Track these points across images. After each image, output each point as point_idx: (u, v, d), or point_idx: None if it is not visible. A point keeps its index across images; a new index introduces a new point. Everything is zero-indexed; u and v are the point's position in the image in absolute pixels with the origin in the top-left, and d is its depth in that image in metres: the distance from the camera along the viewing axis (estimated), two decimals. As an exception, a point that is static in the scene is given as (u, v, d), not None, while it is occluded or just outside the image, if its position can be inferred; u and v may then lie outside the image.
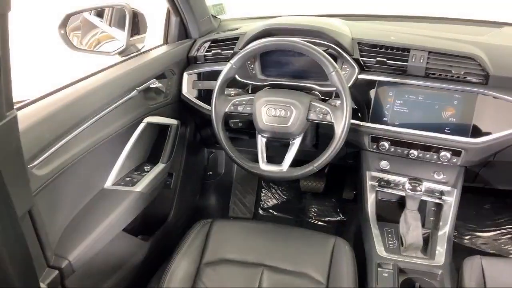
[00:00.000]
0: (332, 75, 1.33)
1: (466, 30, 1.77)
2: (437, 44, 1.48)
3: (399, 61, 1.46)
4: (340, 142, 1.33)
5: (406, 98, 1.45)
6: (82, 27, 1.98)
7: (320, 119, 1.38)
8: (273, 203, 2.48)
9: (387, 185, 1.60)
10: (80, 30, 1.94)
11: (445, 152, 1.44)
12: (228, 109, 1.45)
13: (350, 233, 2.09)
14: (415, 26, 1.79)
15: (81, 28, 1.97)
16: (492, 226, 2.19)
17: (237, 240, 1.48)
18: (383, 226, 1.57)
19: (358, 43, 1.52)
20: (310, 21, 1.62)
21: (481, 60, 1.38)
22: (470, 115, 1.38)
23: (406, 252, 1.45)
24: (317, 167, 1.38)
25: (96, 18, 2.07)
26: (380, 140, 1.52)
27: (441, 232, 1.50)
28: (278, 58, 1.61)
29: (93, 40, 2.08)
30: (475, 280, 1.29)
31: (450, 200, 1.53)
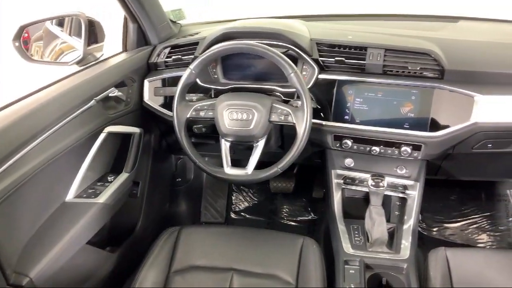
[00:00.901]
0: (291, 77, 1.34)
1: (423, 26, 1.81)
2: (393, 41, 1.50)
3: (357, 59, 1.48)
4: (302, 142, 1.34)
5: (366, 96, 1.48)
6: (44, 38, 1.93)
7: (281, 120, 1.38)
8: (244, 206, 2.47)
9: (352, 182, 1.62)
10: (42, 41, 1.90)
11: (406, 147, 1.47)
12: (190, 115, 1.44)
13: (321, 231, 2.11)
14: (372, 24, 1.83)
15: (43, 38, 1.93)
16: (459, 217, 2.24)
17: (205, 246, 1.47)
18: (350, 223, 1.58)
19: (317, 43, 1.53)
20: (269, 23, 1.63)
21: (436, 55, 1.41)
22: (427, 109, 1.41)
23: (372, 248, 1.47)
24: (281, 169, 1.38)
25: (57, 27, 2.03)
26: (343, 138, 1.53)
27: (406, 225, 1.53)
28: (240, 61, 1.61)
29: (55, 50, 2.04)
30: (440, 271, 1.31)
31: (413, 193, 1.56)
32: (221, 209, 2.43)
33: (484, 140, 1.42)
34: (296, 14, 1.93)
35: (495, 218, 2.20)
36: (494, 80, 1.41)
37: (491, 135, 1.40)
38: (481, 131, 1.38)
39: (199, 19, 2.03)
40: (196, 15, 2.34)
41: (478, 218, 2.21)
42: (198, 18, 2.07)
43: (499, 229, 2.17)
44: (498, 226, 2.18)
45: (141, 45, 1.75)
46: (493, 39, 1.60)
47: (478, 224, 2.20)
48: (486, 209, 2.23)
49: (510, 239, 2.14)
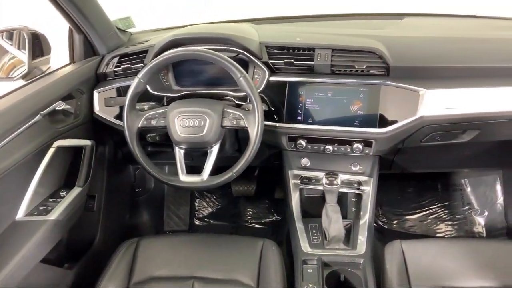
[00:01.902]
0: (240, 81, 1.34)
1: (369, 25, 1.85)
2: (340, 41, 1.53)
3: (306, 60, 1.50)
4: (255, 145, 1.35)
5: (316, 96, 1.50)
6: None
7: (234, 125, 1.39)
8: (208, 212, 2.46)
9: (309, 181, 1.64)
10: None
11: (358, 144, 1.49)
12: (141, 124, 1.42)
13: (284, 232, 2.12)
14: (320, 25, 1.85)
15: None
16: (417, 209, 2.30)
17: (165, 256, 1.45)
18: (309, 222, 1.60)
19: (266, 46, 1.54)
20: (217, 28, 1.64)
21: (381, 53, 1.45)
22: (376, 106, 1.44)
23: (330, 245, 1.49)
24: (237, 173, 1.38)
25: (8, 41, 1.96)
26: (297, 139, 1.55)
27: (362, 221, 1.56)
28: (191, 67, 1.60)
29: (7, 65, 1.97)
30: (396, 264, 1.34)
31: (368, 189, 1.59)
32: (184, 216, 2.41)
33: (431, 133, 1.47)
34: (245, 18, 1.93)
35: (452, 208, 2.27)
36: (438, 75, 1.46)
37: (437, 128, 1.44)
38: (428, 125, 1.42)
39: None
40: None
41: (435, 209, 2.28)
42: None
43: (456, 218, 2.24)
44: (455, 215, 2.25)
45: (88, 56, 1.72)
46: (437, 34, 1.66)
47: (436, 214, 2.27)
48: (443, 199, 2.30)
49: (467, 227, 2.21)
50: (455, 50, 1.52)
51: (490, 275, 1.28)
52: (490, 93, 1.41)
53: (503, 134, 1.53)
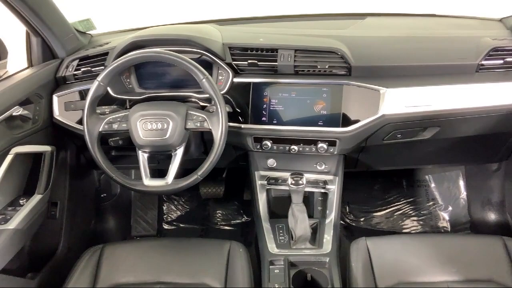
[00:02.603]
0: (203, 82, 1.33)
1: (332, 25, 1.87)
2: (302, 41, 1.54)
3: (269, 61, 1.51)
4: (220, 147, 1.34)
5: (280, 97, 1.50)
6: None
7: (198, 127, 1.37)
8: (177, 215, 2.43)
9: (275, 182, 1.64)
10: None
11: (322, 143, 1.51)
12: (102, 128, 1.39)
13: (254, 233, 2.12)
14: (283, 26, 1.86)
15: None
16: (383, 205, 2.34)
17: (131, 262, 1.43)
18: (276, 222, 1.60)
19: (229, 47, 1.54)
20: (179, 29, 1.62)
21: (342, 53, 1.46)
22: (339, 106, 1.46)
23: (296, 245, 1.50)
24: (202, 175, 1.37)
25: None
26: (263, 139, 1.55)
27: (328, 220, 1.57)
28: (154, 69, 1.58)
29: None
30: (361, 261, 1.36)
31: (333, 188, 1.60)
32: (152, 221, 2.37)
33: (393, 131, 1.49)
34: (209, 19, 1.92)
35: (417, 203, 2.32)
36: (398, 73, 1.49)
37: (398, 126, 1.47)
38: (389, 123, 1.45)
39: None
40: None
41: (401, 205, 2.32)
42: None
43: (421, 213, 2.29)
44: (420, 211, 2.30)
45: (47, 59, 1.67)
46: (398, 33, 1.69)
47: (401, 210, 2.31)
48: (408, 195, 2.35)
49: (432, 223, 2.26)
50: (415, 49, 1.55)
51: (452, 269, 1.32)
52: (449, 91, 1.45)
53: (462, 130, 1.57)
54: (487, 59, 1.48)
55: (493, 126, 1.55)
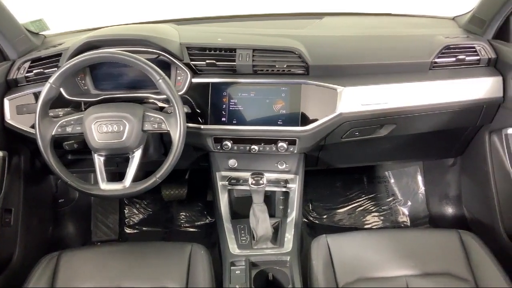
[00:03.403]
0: (159, 83, 1.31)
1: (290, 24, 1.88)
2: (261, 41, 1.54)
3: (228, 61, 1.50)
4: (178, 149, 1.32)
5: (240, 96, 1.50)
6: None
7: (155, 128, 1.35)
8: (139, 219, 2.39)
9: (237, 182, 1.63)
10: None
11: (282, 143, 1.51)
12: (55, 132, 1.34)
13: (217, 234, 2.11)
14: (242, 25, 1.85)
15: None
16: (345, 202, 2.37)
17: (89, 268, 1.39)
18: (238, 223, 1.60)
19: (187, 47, 1.52)
20: (135, 29, 1.59)
21: (300, 52, 1.47)
22: (297, 105, 1.47)
23: (258, 245, 1.50)
24: (160, 178, 1.35)
25: None
26: (223, 140, 1.54)
27: (289, 219, 1.58)
28: (110, 70, 1.55)
29: None
30: (322, 258, 1.37)
31: (294, 186, 1.61)
32: (114, 225, 2.32)
33: (351, 129, 1.52)
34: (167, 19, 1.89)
35: (378, 199, 2.36)
36: (355, 72, 1.51)
37: (356, 124, 1.49)
38: (347, 121, 1.47)
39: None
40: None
41: (362, 201, 2.37)
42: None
43: (382, 209, 2.34)
44: (381, 206, 2.35)
45: (-2, 62, 1.60)
46: (355, 32, 1.71)
47: (363, 206, 2.35)
48: (369, 191, 2.40)
49: (392, 218, 2.31)
50: (370, 48, 1.58)
51: (410, 264, 1.34)
52: (404, 89, 1.49)
53: (417, 127, 1.61)
54: (440, 57, 1.52)
55: (447, 122, 1.60)
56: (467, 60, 1.54)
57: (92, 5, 1.88)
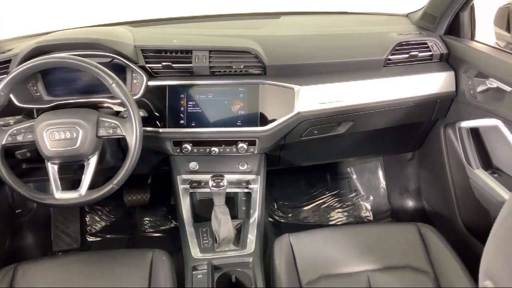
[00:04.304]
0: (112, 87, 1.28)
1: (247, 25, 1.87)
2: (217, 42, 1.53)
3: (184, 63, 1.48)
4: (135, 154, 1.29)
5: (198, 98, 1.48)
6: None
7: (110, 134, 1.31)
8: (101, 226, 2.33)
9: (198, 185, 1.62)
10: None
11: (242, 143, 1.50)
12: (5, 141, 1.29)
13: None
14: (198, 26, 1.83)
15: None
16: (309, 200, 2.38)
17: (47, 280, 1.34)
18: (200, 226, 1.59)
19: (142, 50, 1.49)
20: (88, 33, 1.55)
21: (256, 52, 1.47)
22: (256, 105, 1.46)
23: (220, 248, 1.49)
24: (117, 184, 1.31)
25: None
26: (182, 143, 1.52)
27: (251, 219, 1.58)
28: (63, 75, 1.50)
29: None
30: (285, 258, 1.37)
31: (256, 187, 1.61)
32: (75, 234, 2.26)
33: (309, 128, 1.53)
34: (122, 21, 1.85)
35: (341, 196, 2.39)
36: (311, 71, 1.52)
37: (314, 122, 1.50)
38: (305, 120, 1.48)
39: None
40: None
41: (326, 198, 2.39)
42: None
43: (346, 205, 2.37)
44: (345, 203, 2.37)
45: None
46: (311, 31, 1.72)
47: (327, 203, 2.37)
48: (332, 188, 2.42)
49: (356, 213, 2.34)
50: (326, 47, 1.60)
51: (371, 258, 1.36)
52: (359, 86, 1.51)
53: (374, 123, 1.64)
54: (393, 53, 1.55)
55: (402, 118, 1.63)
56: (420, 56, 1.58)
57: (43, 9, 1.83)
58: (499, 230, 0.50)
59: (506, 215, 0.49)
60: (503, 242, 0.48)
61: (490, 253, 0.50)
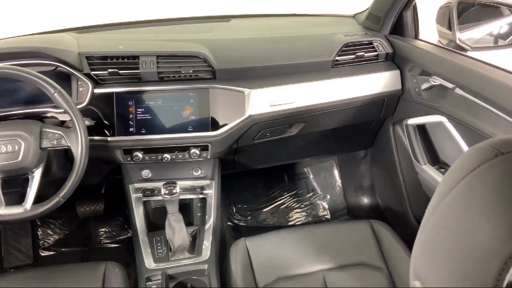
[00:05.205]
0: (54, 97, 1.23)
1: (196, 28, 1.85)
2: (164, 47, 1.51)
3: (131, 69, 1.45)
4: (82, 165, 1.25)
5: (147, 105, 1.45)
6: None
7: (55, 145, 1.27)
8: (54, 240, 2.25)
9: (152, 193, 1.59)
10: None
11: (194, 149, 1.49)
12: None
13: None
14: (146, 31, 1.80)
15: None
16: (268, 201, 2.39)
17: None
18: (155, 235, 1.55)
19: (87, 57, 1.45)
20: (28, 41, 1.49)
21: (205, 56, 1.46)
22: (206, 110, 1.45)
23: (175, 256, 1.47)
24: (64, 197, 1.27)
25: None
26: (133, 151, 1.48)
27: (207, 225, 1.56)
28: (4, 86, 1.43)
29: None
30: (241, 262, 1.37)
31: (211, 192, 1.59)
32: (27, 249, 2.16)
33: (261, 131, 1.53)
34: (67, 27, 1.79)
35: (299, 196, 2.41)
36: (261, 74, 1.52)
37: (266, 125, 1.51)
38: (256, 123, 1.48)
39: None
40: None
41: (284, 199, 2.40)
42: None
43: (304, 205, 2.39)
44: (303, 202, 2.39)
45: None
46: (261, 34, 1.72)
47: (285, 204, 2.39)
48: (290, 189, 2.43)
49: (313, 212, 2.37)
50: (276, 49, 1.60)
51: (326, 258, 1.38)
52: (309, 88, 1.52)
53: (326, 124, 1.66)
54: (340, 54, 1.58)
55: (352, 117, 1.66)
56: (366, 56, 1.61)
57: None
58: (424, 230, 0.51)
59: (429, 216, 0.50)
60: (430, 242, 0.49)
61: (417, 252, 0.51)
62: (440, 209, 0.48)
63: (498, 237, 0.39)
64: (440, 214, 0.48)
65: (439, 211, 0.48)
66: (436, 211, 0.49)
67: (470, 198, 0.44)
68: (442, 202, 0.48)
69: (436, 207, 0.49)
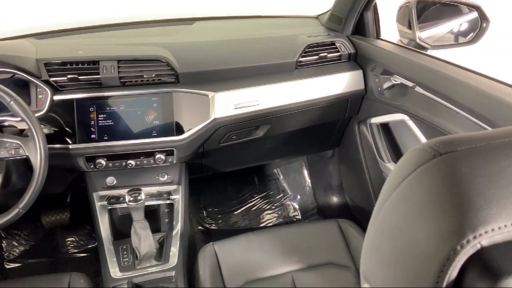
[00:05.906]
0: (11, 105, 1.19)
1: (159, 32, 1.83)
2: (125, 51, 1.48)
3: (91, 74, 1.42)
4: (41, 174, 1.21)
5: (108, 111, 1.42)
6: None
7: (12, 155, 1.23)
8: (20, 251, 2.18)
9: (117, 201, 1.55)
10: None
11: (160, 154, 1.46)
12: None
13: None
14: (107, 35, 1.76)
15: None
16: (238, 204, 2.38)
17: None
18: (120, 244, 1.52)
19: (45, 63, 1.41)
20: (-18, 48, 1.44)
21: (167, 60, 1.44)
22: (170, 114, 1.43)
23: (142, 264, 1.44)
24: (24, 208, 1.23)
25: None
26: (95, 158, 1.45)
27: (174, 231, 1.54)
28: None
29: None
30: (209, 267, 1.35)
31: (178, 197, 1.57)
32: None
33: (227, 133, 1.52)
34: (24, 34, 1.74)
35: (269, 197, 2.41)
36: (225, 76, 1.52)
37: (231, 127, 1.50)
38: (222, 126, 1.47)
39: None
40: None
41: (255, 201, 2.39)
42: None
43: (274, 206, 2.39)
44: (273, 204, 2.39)
45: None
46: (225, 37, 1.71)
47: (256, 206, 2.38)
48: (261, 190, 2.43)
49: (284, 213, 2.37)
50: (240, 51, 1.60)
51: (295, 259, 1.38)
52: (273, 89, 1.52)
53: (291, 125, 1.66)
54: (303, 56, 1.58)
55: (317, 118, 1.67)
56: (329, 56, 1.62)
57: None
58: (370, 232, 0.51)
59: (374, 218, 0.51)
60: (376, 244, 0.50)
61: (365, 254, 0.52)
62: (383, 212, 0.49)
63: (436, 238, 0.39)
64: (383, 217, 0.49)
65: (382, 214, 0.49)
66: (380, 214, 0.49)
67: (410, 199, 0.45)
68: (384, 204, 0.48)
69: (380, 210, 0.49)
